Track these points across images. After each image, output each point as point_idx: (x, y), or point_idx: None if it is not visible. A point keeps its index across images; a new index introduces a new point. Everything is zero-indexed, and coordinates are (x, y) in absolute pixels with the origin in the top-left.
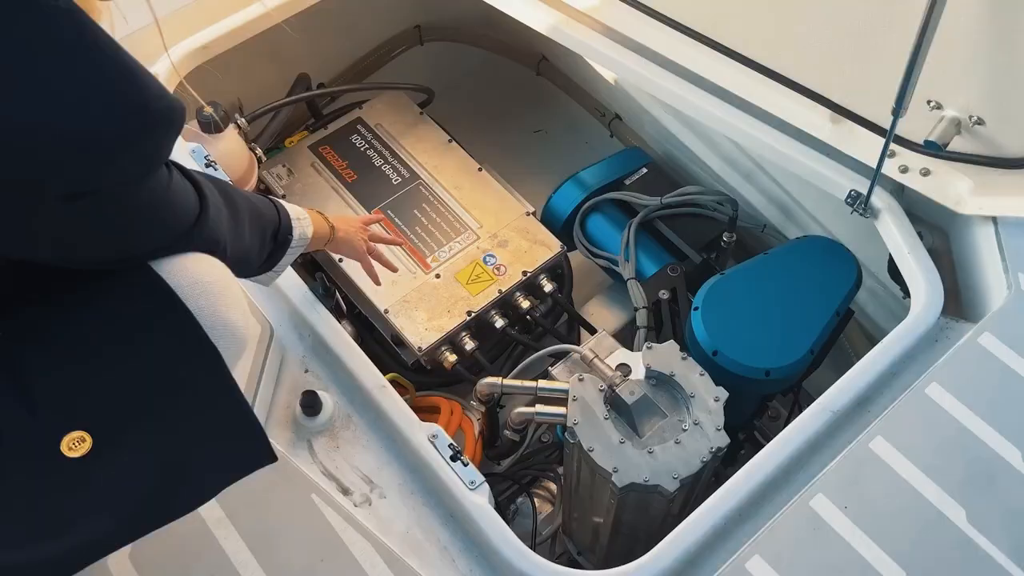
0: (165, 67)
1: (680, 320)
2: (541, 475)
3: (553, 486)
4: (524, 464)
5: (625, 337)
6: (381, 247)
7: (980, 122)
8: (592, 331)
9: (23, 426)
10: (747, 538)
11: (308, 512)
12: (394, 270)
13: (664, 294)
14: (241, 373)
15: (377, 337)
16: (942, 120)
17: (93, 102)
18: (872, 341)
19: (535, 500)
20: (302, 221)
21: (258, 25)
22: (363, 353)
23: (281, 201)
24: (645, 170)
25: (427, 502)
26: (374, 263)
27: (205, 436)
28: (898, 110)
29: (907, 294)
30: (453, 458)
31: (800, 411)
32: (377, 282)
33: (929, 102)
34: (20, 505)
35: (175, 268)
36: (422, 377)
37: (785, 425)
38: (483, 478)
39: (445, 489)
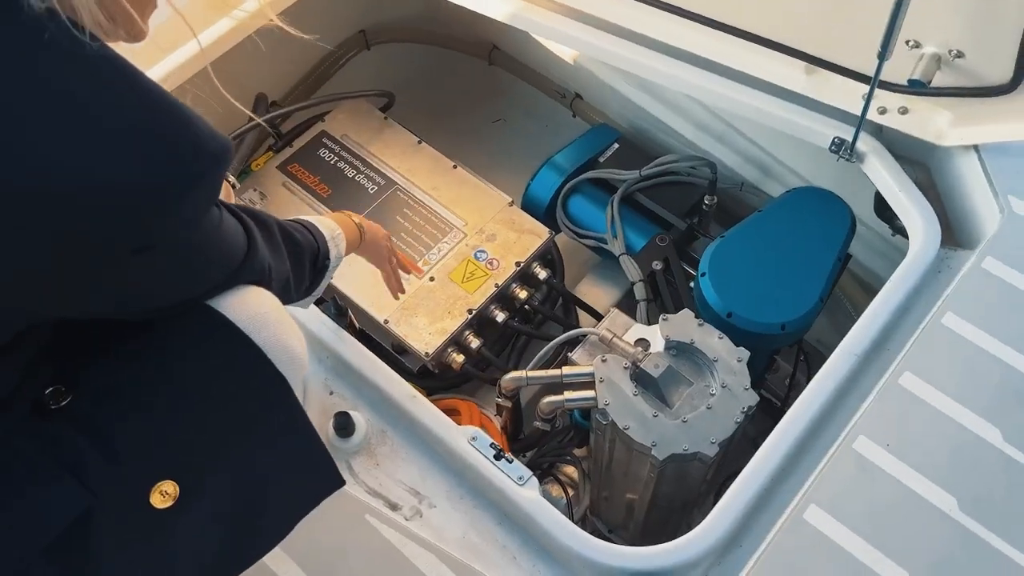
0: None
1: (676, 288)
2: (558, 460)
3: (571, 469)
4: (539, 452)
5: (622, 311)
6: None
7: (960, 55)
8: (591, 312)
9: (115, 481)
10: (798, 490)
11: (365, 533)
12: (402, 292)
13: (657, 264)
14: None
15: (375, 348)
16: (922, 58)
17: (156, 151)
18: (862, 284)
19: (556, 487)
20: (336, 239)
21: (197, 63)
22: (387, 367)
23: (314, 220)
24: (617, 145)
25: (478, 504)
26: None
27: (281, 467)
28: (884, 54)
29: (896, 232)
30: (497, 457)
31: (806, 361)
32: (399, 292)
33: (908, 41)
34: (123, 560)
35: (233, 304)
36: (429, 382)
37: (793, 377)
38: (530, 472)
39: (494, 489)
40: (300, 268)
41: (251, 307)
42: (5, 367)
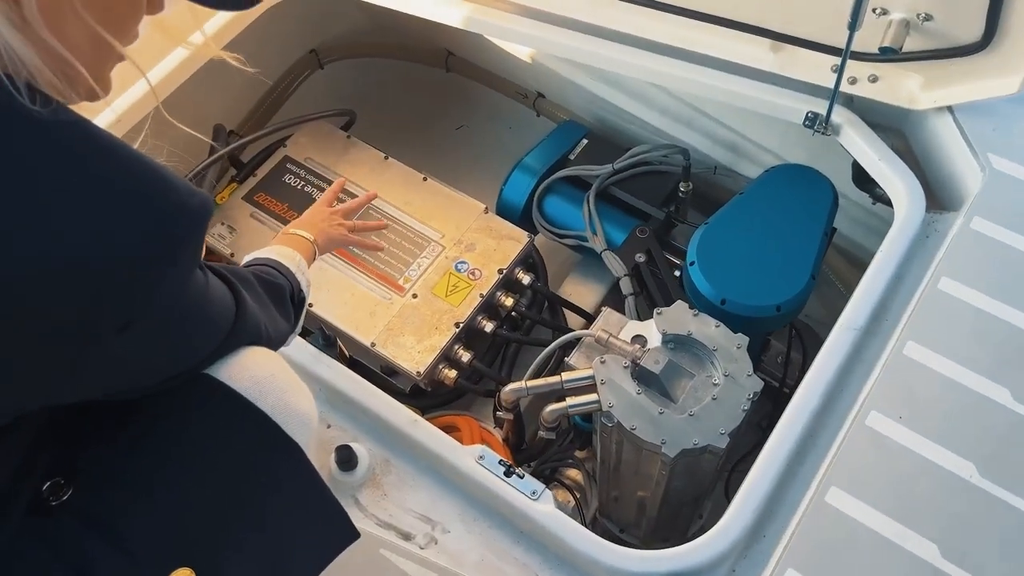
0: None
1: (662, 278)
2: (560, 465)
3: (574, 472)
4: (542, 459)
5: (609, 307)
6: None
7: (928, 18)
8: (578, 312)
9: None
10: (816, 473)
11: (382, 568)
12: (380, 248)
13: (640, 257)
14: None
15: (364, 372)
16: (891, 24)
17: (133, 220)
18: (846, 255)
19: (561, 492)
20: (300, 267)
21: (148, 102)
22: (384, 393)
23: (274, 255)
24: (586, 141)
25: (492, 524)
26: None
27: (297, 530)
28: (854, 24)
29: (876, 201)
30: (507, 473)
31: (799, 337)
32: (380, 248)
33: (875, 9)
34: None
35: (234, 371)
36: (422, 400)
37: (788, 355)
38: (543, 486)
39: (508, 506)
40: (285, 311)
41: (253, 371)
42: None
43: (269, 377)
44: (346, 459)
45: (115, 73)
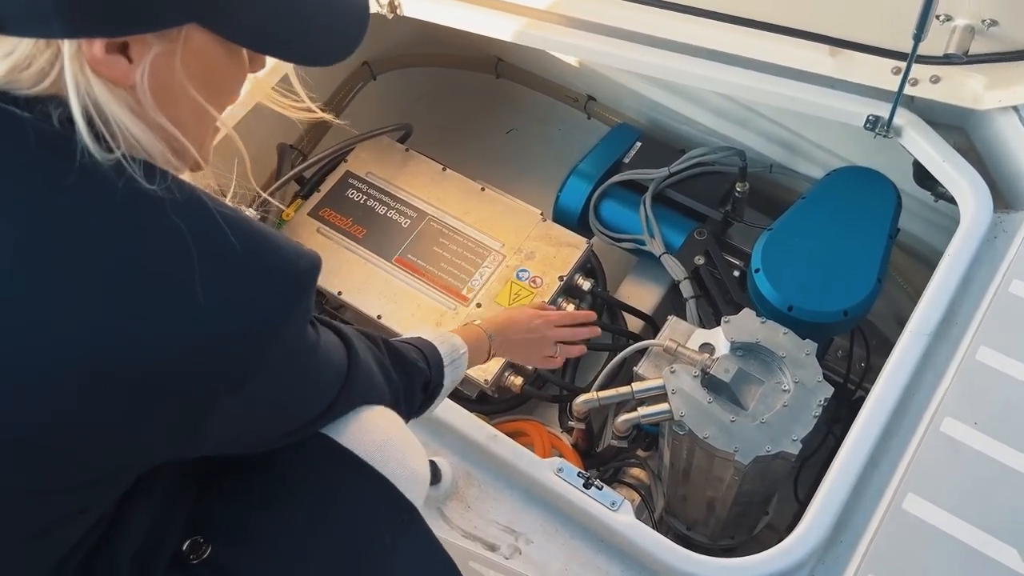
0: None
1: (722, 281)
2: (623, 464)
3: (637, 471)
4: (604, 460)
5: (667, 308)
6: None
7: (994, 23)
8: (638, 315)
9: None
10: (891, 480)
11: None
12: (581, 354)
13: (699, 259)
14: None
15: None
16: (955, 31)
17: (253, 286)
18: (909, 251)
19: (625, 490)
20: (458, 361)
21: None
22: (463, 409)
23: (436, 339)
24: (639, 143)
25: (574, 535)
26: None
27: None
28: (919, 35)
29: (939, 198)
30: (586, 485)
31: (862, 333)
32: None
33: (938, 16)
34: None
35: (352, 432)
36: (487, 406)
37: (851, 352)
38: (621, 497)
39: (589, 517)
40: (411, 391)
41: (375, 435)
42: (137, 513)
43: (389, 441)
44: (431, 473)
45: None
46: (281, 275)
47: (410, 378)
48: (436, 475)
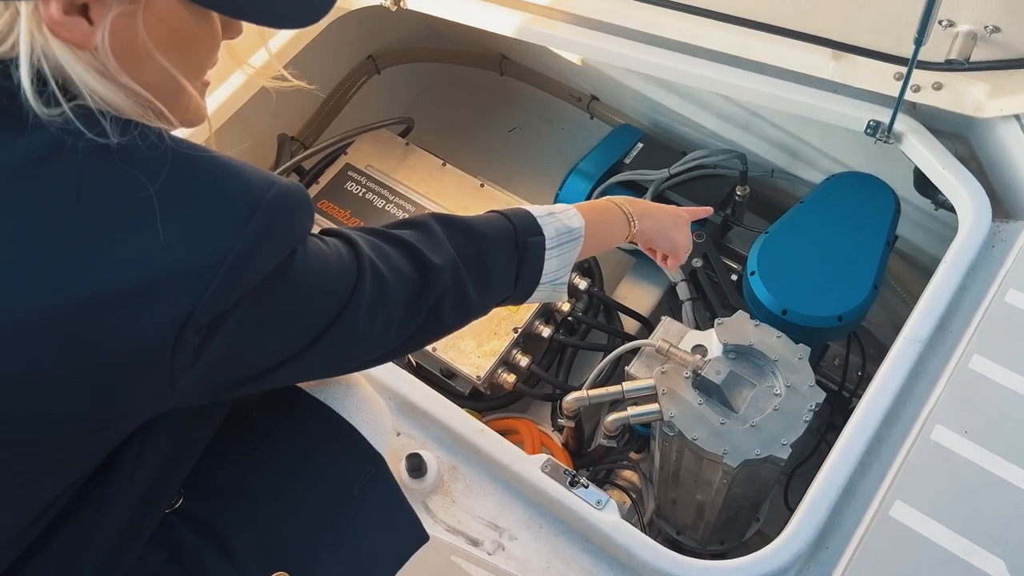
0: None
1: (718, 284)
2: (615, 467)
3: (629, 473)
4: (597, 461)
5: (664, 311)
6: None
7: (996, 30)
8: (634, 316)
9: None
10: (880, 486)
11: (455, 574)
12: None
13: (697, 262)
14: None
15: (423, 374)
16: (957, 37)
17: (209, 226)
18: (906, 259)
19: (616, 492)
20: (558, 215)
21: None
22: (452, 403)
23: (537, 208)
24: (641, 145)
25: (558, 532)
26: None
27: (378, 535)
28: (920, 39)
29: (939, 207)
30: (572, 483)
31: (857, 340)
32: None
33: (941, 21)
34: None
35: (321, 383)
36: (480, 403)
37: (847, 359)
38: (607, 496)
39: (574, 515)
40: (483, 258)
41: (341, 385)
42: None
43: (353, 392)
44: (416, 467)
45: None
46: (245, 206)
47: (481, 245)
48: (422, 468)
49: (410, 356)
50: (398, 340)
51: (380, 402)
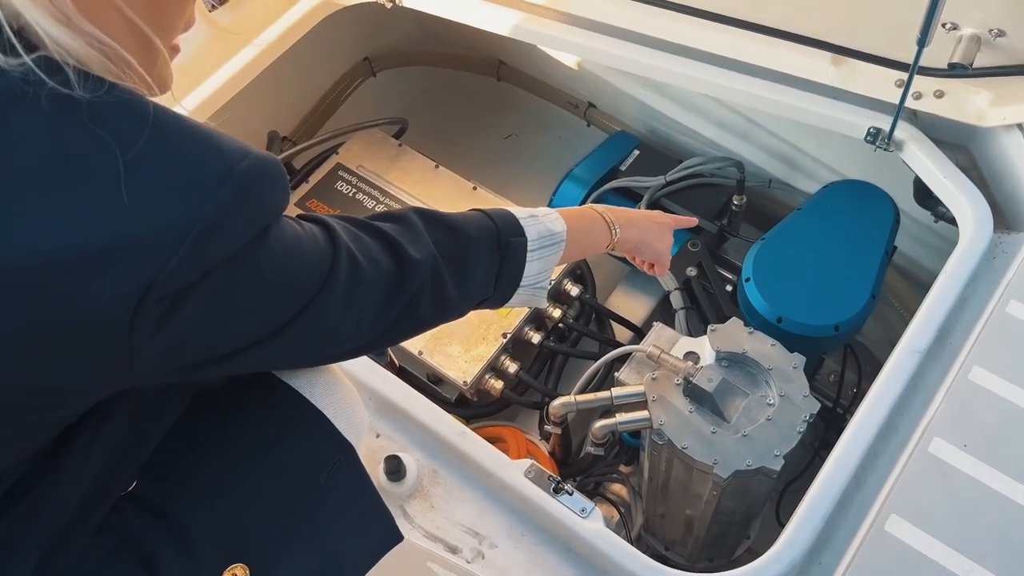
0: None
1: (713, 294)
2: (604, 479)
3: (618, 487)
4: (586, 473)
5: (657, 321)
6: None
7: (1001, 33)
8: (627, 325)
9: (187, 573)
10: (875, 500)
11: None
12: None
13: (691, 271)
14: None
15: (410, 380)
16: (961, 40)
17: (172, 192)
18: (905, 274)
19: (605, 506)
20: (540, 218)
21: (206, 110)
22: (435, 405)
23: (520, 209)
24: (637, 152)
25: (540, 540)
26: None
27: (346, 530)
28: (923, 40)
29: (939, 219)
30: (556, 489)
31: (854, 357)
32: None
33: (945, 24)
34: None
35: (303, 379)
36: (467, 410)
37: (842, 375)
38: (592, 504)
39: (557, 523)
40: (464, 255)
41: (314, 372)
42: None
43: (328, 380)
44: (395, 469)
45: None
46: (217, 175)
47: (463, 244)
48: (400, 471)
49: (394, 359)
50: (372, 333)
51: (353, 390)
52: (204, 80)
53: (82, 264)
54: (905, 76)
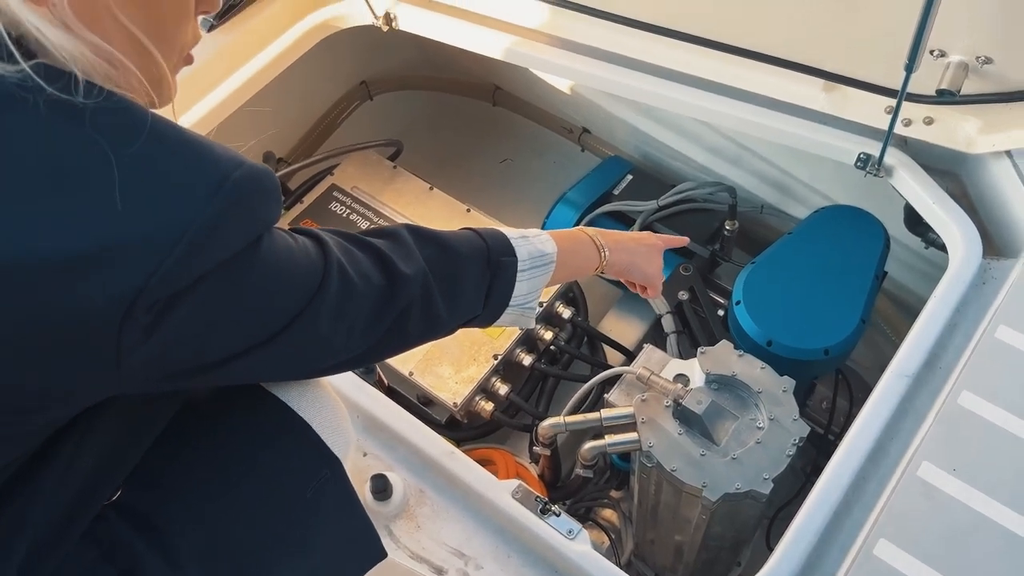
0: None
1: (704, 318)
2: (595, 504)
3: (609, 512)
4: (577, 498)
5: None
6: None
7: (988, 61)
8: (619, 348)
9: None
10: (864, 525)
11: None
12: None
13: (683, 295)
14: None
15: (400, 401)
16: (948, 67)
17: (166, 198)
18: (895, 300)
19: (595, 532)
20: (531, 239)
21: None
22: (422, 424)
23: (514, 231)
24: (630, 177)
25: (526, 562)
26: None
27: (334, 546)
28: (911, 66)
29: (929, 245)
30: (543, 511)
31: (846, 382)
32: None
33: (932, 51)
34: None
35: (291, 391)
36: (458, 432)
37: (834, 400)
38: (579, 526)
39: (544, 545)
40: (454, 273)
41: (302, 384)
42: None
43: (316, 393)
44: (381, 488)
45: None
46: (211, 182)
47: (453, 261)
48: (387, 490)
49: (384, 379)
50: (360, 348)
51: (341, 406)
52: (201, 99)
53: (72, 265)
54: (895, 102)
